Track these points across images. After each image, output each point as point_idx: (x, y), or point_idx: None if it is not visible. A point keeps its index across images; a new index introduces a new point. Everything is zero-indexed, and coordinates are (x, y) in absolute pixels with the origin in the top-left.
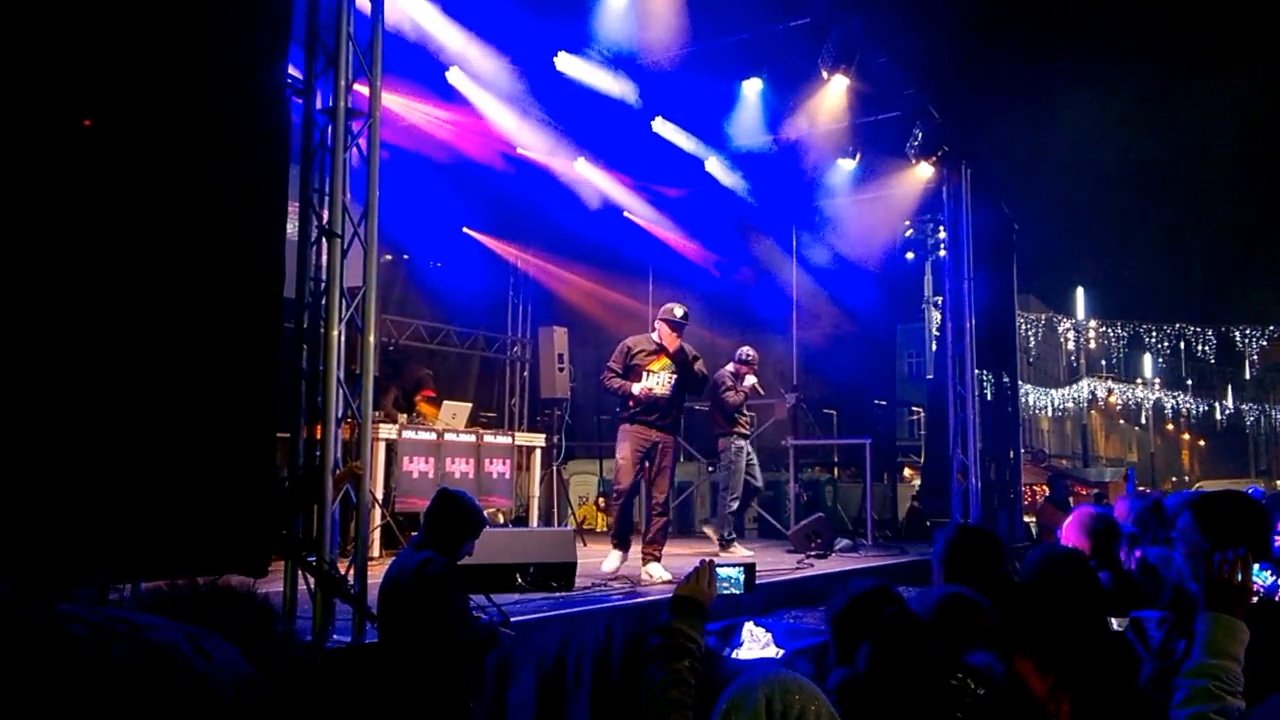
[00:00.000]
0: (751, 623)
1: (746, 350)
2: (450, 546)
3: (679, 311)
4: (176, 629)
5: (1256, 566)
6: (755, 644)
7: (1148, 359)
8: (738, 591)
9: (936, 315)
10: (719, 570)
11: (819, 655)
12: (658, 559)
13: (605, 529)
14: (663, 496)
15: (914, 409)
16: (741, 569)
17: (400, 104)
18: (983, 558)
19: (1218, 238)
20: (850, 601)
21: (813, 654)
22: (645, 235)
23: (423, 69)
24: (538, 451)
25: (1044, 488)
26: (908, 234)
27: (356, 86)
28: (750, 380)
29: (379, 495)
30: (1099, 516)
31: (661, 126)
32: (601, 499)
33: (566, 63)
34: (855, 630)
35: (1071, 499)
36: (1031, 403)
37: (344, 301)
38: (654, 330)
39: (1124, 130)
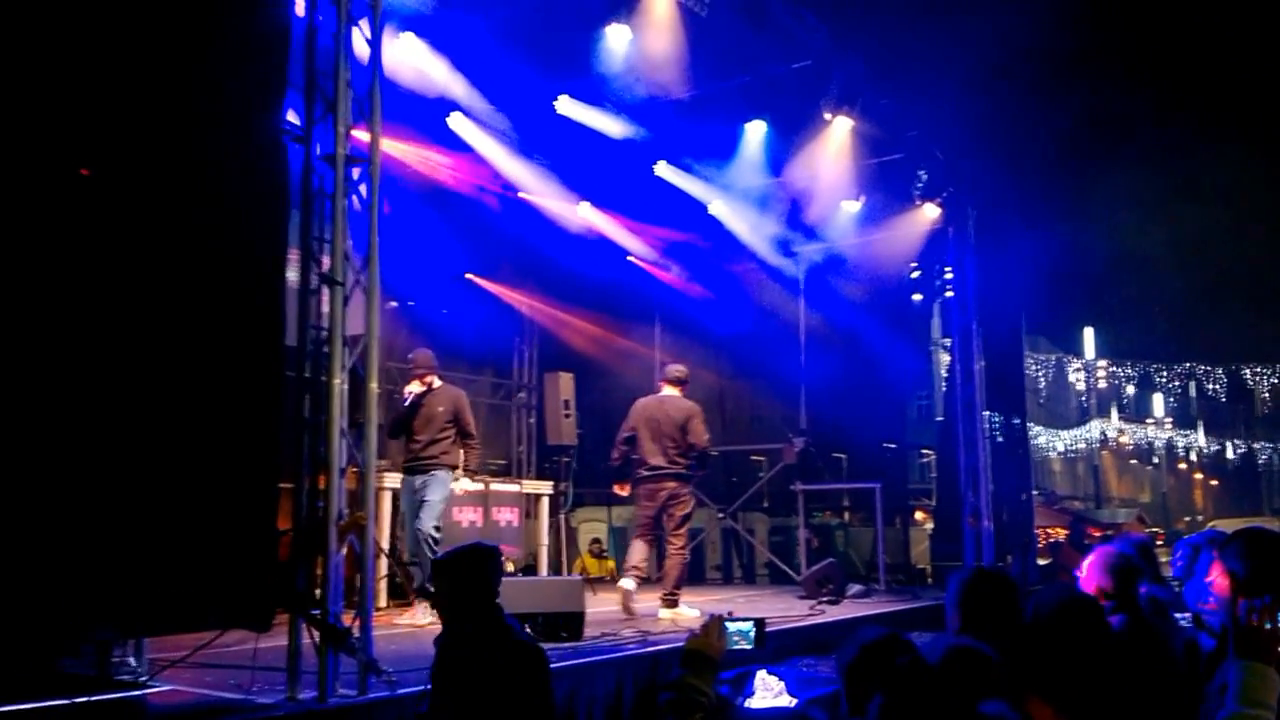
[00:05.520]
0: (764, 671)
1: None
2: None
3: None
4: None
5: None
6: (768, 693)
7: (1158, 398)
8: (749, 647)
9: (945, 357)
10: (729, 625)
11: (833, 705)
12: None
13: (608, 576)
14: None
15: (924, 452)
16: (753, 623)
17: (401, 149)
18: (999, 602)
19: (1230, 275)
20: (861, 651)
21: (826, 703)
22: (651, 280)
23: (423, 114)
24: (545, 499)
25: (1056, 530)
26: (915, 275)
27: (356, 132)
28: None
29: (384, 546)
30: (1121, 555)
31: (664, 170)
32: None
33: (568, 107)
34: (867, 680)
35: (1088, 541)
36: (1042, 444)
37: (346, 350)
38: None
39: (1134, 170)
